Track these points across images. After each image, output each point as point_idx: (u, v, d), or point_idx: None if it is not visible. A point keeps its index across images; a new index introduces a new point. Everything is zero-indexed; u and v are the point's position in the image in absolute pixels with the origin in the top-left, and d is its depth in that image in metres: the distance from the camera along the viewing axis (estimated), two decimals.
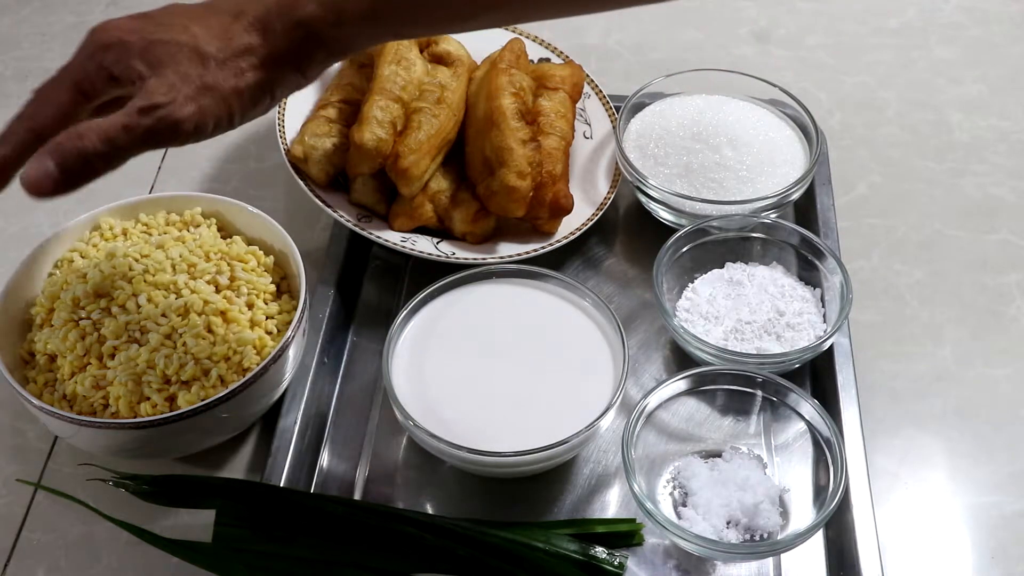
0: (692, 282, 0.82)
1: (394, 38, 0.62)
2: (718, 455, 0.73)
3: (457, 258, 0.82)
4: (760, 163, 0.86)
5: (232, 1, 0.59)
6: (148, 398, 0.69)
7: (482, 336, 0.75)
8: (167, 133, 0.56)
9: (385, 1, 0.58)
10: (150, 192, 0.95)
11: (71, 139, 0.54)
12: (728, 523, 0.68)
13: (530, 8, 0.61)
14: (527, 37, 0.96)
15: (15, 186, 0.99)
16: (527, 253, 0.83)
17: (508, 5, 0.59)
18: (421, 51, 0.89)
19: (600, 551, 0.68)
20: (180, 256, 0.74)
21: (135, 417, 0.68)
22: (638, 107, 0.91)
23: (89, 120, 0.55)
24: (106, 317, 0.71)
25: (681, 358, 0.80)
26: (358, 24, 0.58)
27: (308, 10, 0.57)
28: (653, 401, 0.72)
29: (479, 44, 0.94)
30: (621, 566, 0.68)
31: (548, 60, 0.94)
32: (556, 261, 0.84)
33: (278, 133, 0.86)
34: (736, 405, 0.75)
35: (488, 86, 0.85)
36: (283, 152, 0.84)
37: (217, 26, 0.57)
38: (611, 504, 0.73)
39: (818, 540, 0.70)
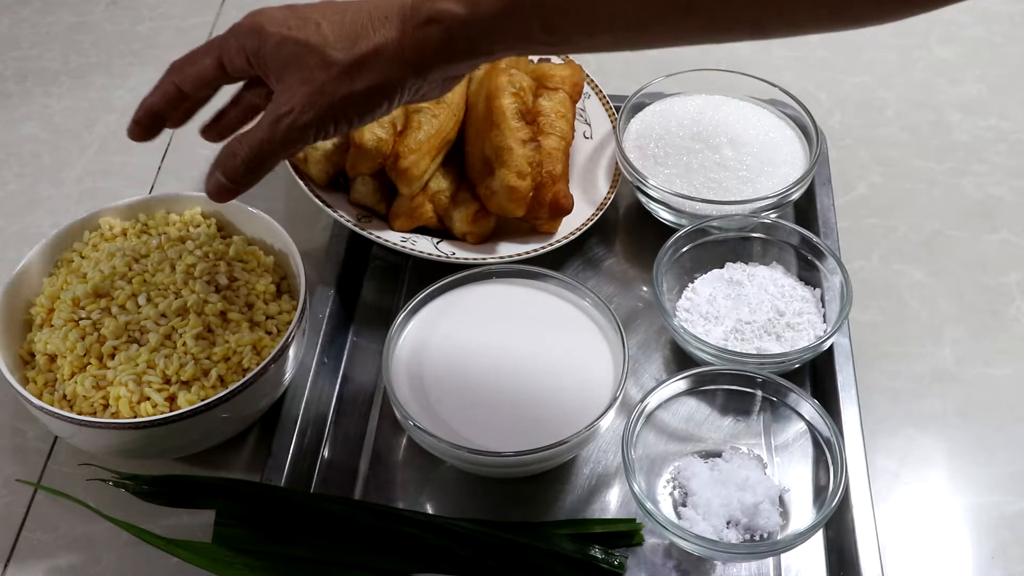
0: (692, 282, 0.82)
1: (526, 45, 0.60)
2: (718, 455, 0.73)
3: (457, 258, 0.82)
4: (760, 163, 0.86)
5: (375, 2, 0.61)
6: (148, 398, 0.69)
7: (482, 336, 0.75)
8: (297, 138, 0.61)
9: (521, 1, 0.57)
10: (150, 192, 0.95)
11: (228, 156, 0.62)
12: (728, 523, 0.68)
13: (672, 35, 0.59)
14: None
15: (15, 187, 1.00)
16: (527, 253, 0.83)
17: (647, 29, 0.57)
18: None
19: (599, 551, 0.68)
20: (180, 256, 0.74)
21: (135, 417, 0.68)
22: (638, 107, 0.91)
23: (238, 134, 0.63)
24: (106, 317, 0.71)
25: (681, 358, 0.80)
26: (491, 22, 0.57)
27: (443, 5, 0.58)
28: (653, 401, 0.72)
29: None
30: (621, 566, 0.68)
31: (548, 60, 0.94)
32: (556, 261, 0.84)
33: None
34: (736, 405, 0.75)
35: (488, 86, 0.85)
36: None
37: (350, 24, 0.60)
38: (611, 504, 0.73)
39: (818, 540, 0.70)
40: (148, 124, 0.66)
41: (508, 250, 0.84)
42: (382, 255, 0.88)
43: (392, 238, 0.82)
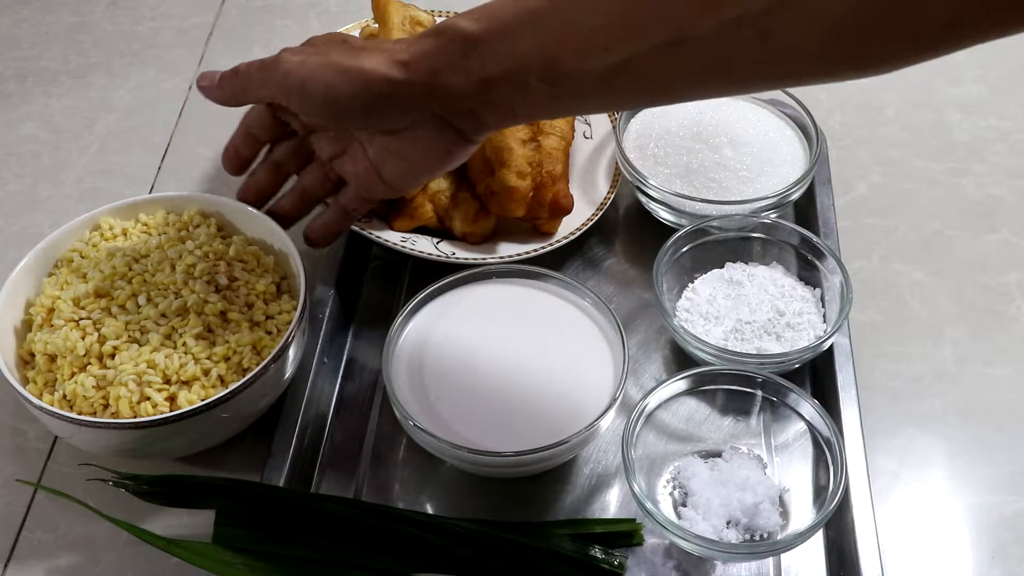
0: (692, 282, 0.82)
1: (527, 83, 0.60)
2: (718, 455, 0.73)
3: (457, 258, 0.82)
4: (760, 163, 0.86)
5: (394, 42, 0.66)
6: (148, 398, 0.69)
7: (482, 336, 0.75)
8: (280, 82, 0.69)
9: (522, 22, 0.58)
10: (150, 192, 0.95)
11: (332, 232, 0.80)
12: (728, 523, 0.68)
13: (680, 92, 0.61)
14: None
15: (15, 187, 1.00)
16: (527, 253, 0.83)
17: (640, 77, 0.58)
18: None
19: (599, 551, 0.68)
20: (180, 256, 0.74)
21: (135, 417, 0.68)
22: None
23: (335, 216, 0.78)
24: (106, 317, 0.71)
25: (681, 358, 0.80)
26: (492, 40, 0.59)
27: (458, 22, 0.61)
28: (653, 401, 0.72)
29: None
30: (621, 566, 0.68)
31: None
32: (556, 261, 0.84)
33: None
34: (736, 405, 0.75)
35: None
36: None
37: (367, 46, 0.66)
38: (611, 504, 0.73)
39: (818, 540, 0.70)
40: (236, 163, 0.79)
41: (508, 250, 0.84)
42: (382, 255, 0.88)
43: (392, 238, 0.82)
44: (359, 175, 0.73)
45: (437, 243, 0.84)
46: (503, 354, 0.74)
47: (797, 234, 0.82)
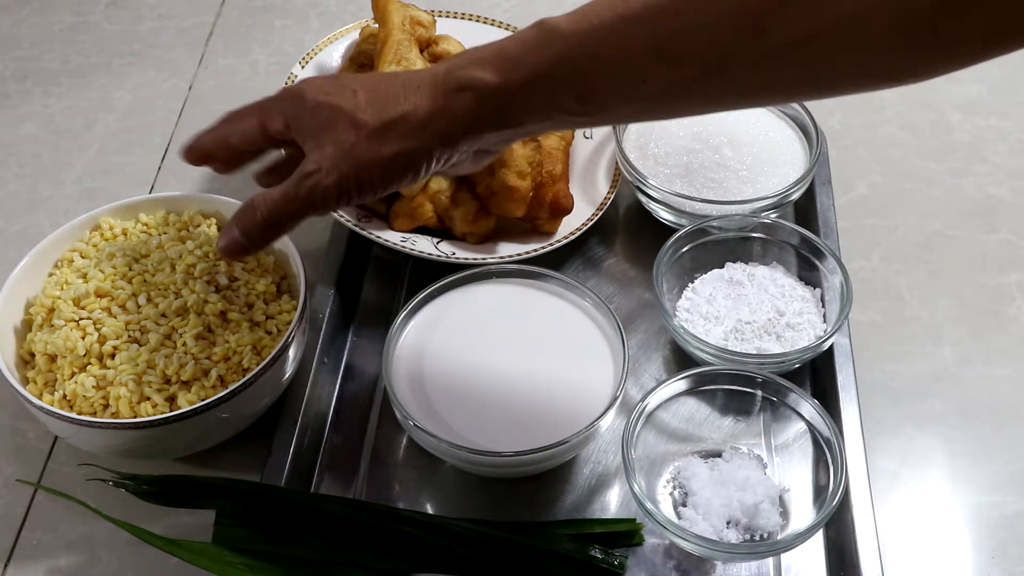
0: (692, 282, 0.82)
1: (559, 116, 0.58)
2: (718, 455, 0.73)
3: (457, 258, 0.82)
4: (760, 163, 0.86)
5: (410, 72, 0.61)
6: (148, 398, 0.69)
7: (482, 336, 0.75)
8: (318, 200, 0.60)
9: (552, 68, 0.56)
10: (150, 192, 0.95)
11: (248, 210, 0.61)
12: (728, 523, 0.68)
13: (705, 105, 0.59)
14: None
15: (15, 187, 1.00)
16: (527, 253, 0.83)
17: (679, 100, 0.57)
18: (421, 51, 0.89)
19: (599, 551, 0.68)
20: (179, 256, 0.74)
21: (135, 417, 0.68)
22: None
23: (261, 192, 0.62)
24: (106, 317, 0.71)
25: (681, 358, 0.80)
26: (522, 91, 0.57)
27: (474, 73, 0.57)
28: (653, 401, 0.72)
29: (479, 44, 0.94)
30: (621, 566, 0.68)
31: None
32: (556, 261, 0.84)
33: None
34: (736, 405, 0.75)
35: None
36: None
37: (383, 92, 0.60)
38: (611, 504, 0.73)
39: (818, 540, 0.70)
40: (196, 158, 0.67)
41: (508, 250, 0.84)
42: (382, 255, 0.88)
43: (392, 238, 0.82)
44: None
45: (437, 243, 0.84)
46: (503, 354, 0.74)
47: (797, 234, 0.82)
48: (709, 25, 0.52)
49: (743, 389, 0.74)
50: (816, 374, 0.79)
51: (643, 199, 0.87)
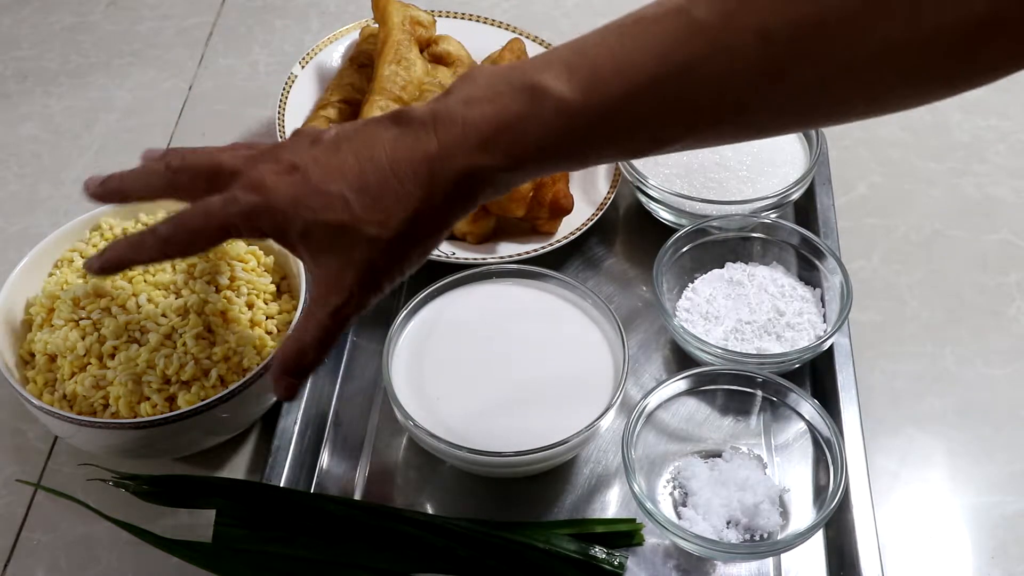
0: (692, 282, 0.82)
1: (557, 171, 0.58)
2: (718, 455, 0.73)
3: (457, 258, 0.82)
4: (760, 163, 0.86)
5: (394, 142, 0.54)
6: (148, 398, 0.69)
7: (482, 336, 0.75)
8: (355, 321, 0.58)
9: (558, 143, 0.53)
10: None
11: (296, 356, 0.58)
12: (728, 523, 0.68)
13: (698, 141, 0.56)
14: (527, 37, 0.96)
15: (15, 187, 1.00)
16: (527, 253, 0.83)
17: (675, 141, 0.54)
18: (421, 51, 0.89)
19: (600, 551, 0.68)
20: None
21: (135, 417, 0.68)
22: None
23: (292, 335, 0.59)
24: (106, 317, 0.71)
25: (681, 358, 0.80)
26: (523, 171, 0.54)
27: (477, 159, 0.53)
28: (653, 401, 0.72)
29: (479, 44, 0.94)
30: (621, 566, 0.68)
31: None
32: (556, 261, 0.84)
33: (278, 133, 0.86)
34: (736, 405, 0.75)
35: None
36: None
37: (376, 190, 0.54)
38: (611, 504, 0.73)
39: (818, 540, 0.70)
40: (106, 196, 0.64)
41: (508, 250, 0.84)
42: None
43: None
44: None
45: None
46: (503, 354, 0.74)
47: (797, 234, 0.82)
48: (721, 78, 0.50)
49: (743, 389, 0.74)
50: (816, 374, 0.79)
51: (643, 199, 0.87)
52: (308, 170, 0.55)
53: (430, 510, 0.72)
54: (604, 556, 0.68)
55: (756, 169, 0.86)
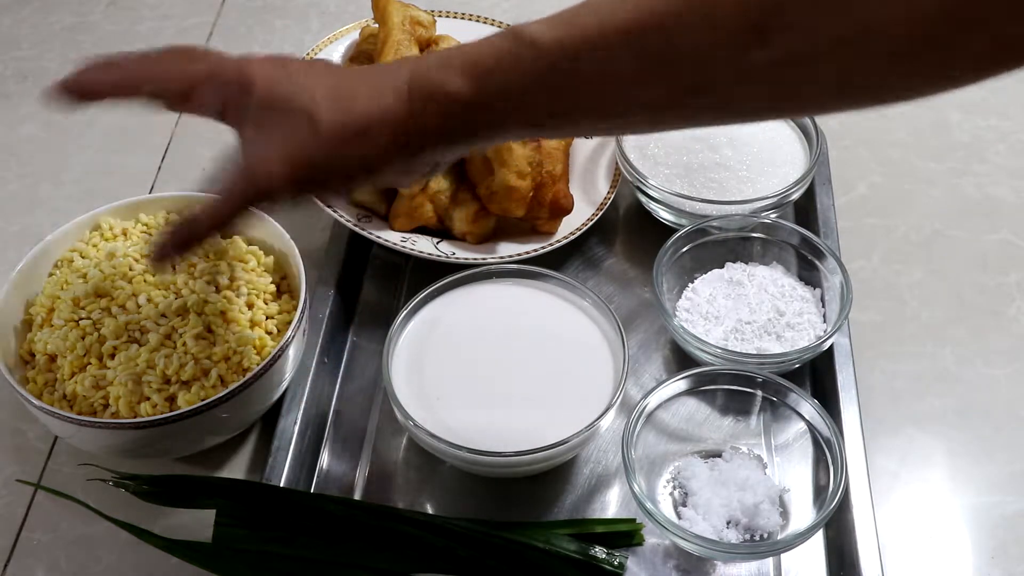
0: (692, 282, 0.82)
1: (528, 130, 0.57)
2: (718, 455, 0.73)
3: (457, 258, 0.82)
4: (760, 163, 0.86)
5: (374, 70, 0.56)
6: (148, 398, 0.69)
7: (482, 336, 0.75)
8: (268, 198, 0.57)
9: (528, 84, 0.52)
10: (150, 192, 0.95)
11: (191, 226, 0.58)
12: (728, 523, 0.68)
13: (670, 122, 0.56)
14: None
15: (15, 187, 0.99)
16: (527, 253, 0.83)
17: (658, 118, 0.54)
18: (421, 51, 0.89)
19: (600, 551, 0.68)
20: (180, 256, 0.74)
21: (135, 417, 0.68)
22: None
23: (201, 203, 0.57)
24: (106, 317, 0.71)
25: (681, 358, 0.80)
26: (494, 105, 0.53)
27: (445, 81, 0.53)
28: (653, 401, 0.72)
29: None
30: (621, 566, 0.68)
31: None
32: (556, 261, 0.84)
33: None
34: (736, 405, 0.75)
35: None
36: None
37: (345, 92, 0.55)
38: (611, 504, 0.73)
39: (818, 540, 0.70)
40: (77, 94, 0.60)
41: (508, 250, 0.84)
42: (382, 255, 0.88)
43: (392, 238, 0.82)
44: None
45: (437, 243, 0.84)
46: (503, 354, 0.74)
47: (797, 234, 0.82)
48: (699, 41, 0.48)
49: (743, 389, 0.74)
50: (816, 374, 0.79)
51: (643, 199, 0.87)
52: (288, 64, 0.57)
53: (430, 510, 0.72)
54: (604, 556, 0.68)
55: (756, 169, 0.86)
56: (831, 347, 0.77)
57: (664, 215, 0.86)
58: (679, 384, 0.73)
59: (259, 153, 0.56)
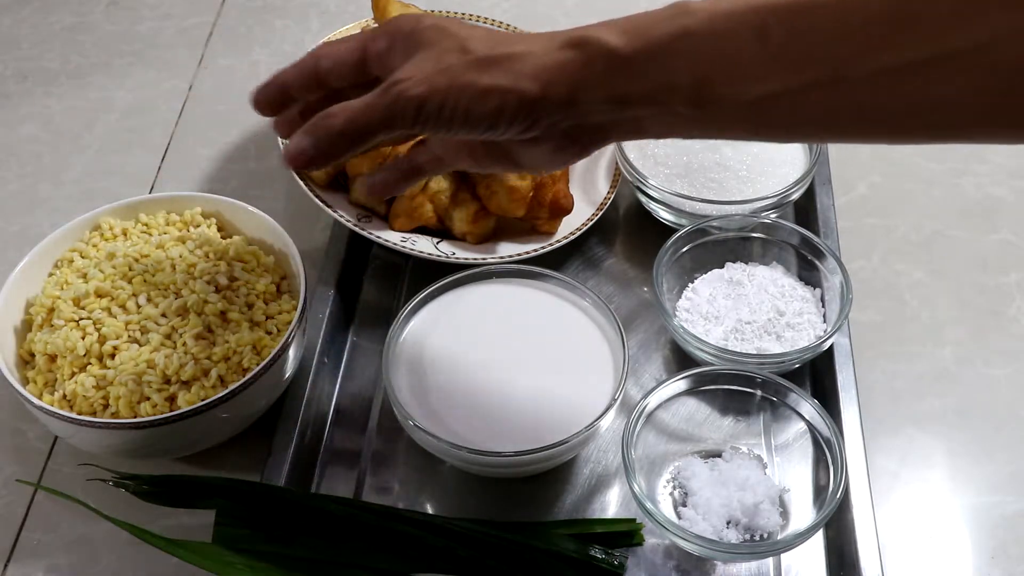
0: (692, 282, 0.82)
1: (667, 104, 0.54)
2: (718, 455, 0.73)
3: (457, 258, 0.82)
4: (760, 163, 0.86)
5: (525, 33, 0.58)
6: (148, 398, 0.69)
7: (482, 336, 0.75)
8: (399, 112, 0.55)
9: (674, 41, 0.52)
10: (150, 192, 0.95)
11: (323, 119, 0.56)
12: (728, 523, 0.68)
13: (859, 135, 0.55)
14: None
15: (15, 187, 1.00)
16: (527, 253, 0.83)
17: (790, 113, 0.53)
18: None
19: (600, 551, 0.68)
20: (180, 256, 0.74)
21: (135, 417, 0.68)
22: None
23: (344, 101, 0.57)
24: (106, 317, 0.71)
25: (681, 358, 0.80)
26: (637, 60, 0.53)
27: (595, 31, 0.54)
28: (653, 401, 0.72)
29: None
30: (621, 566, 0.68)
31: None
32: (556, 261, 0.84)
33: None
34: (736, 405, 0.75)
35: None
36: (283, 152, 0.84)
37: (499, 35, 0.57)
38: (611, 504, 0.73)
39: (818, 540, 0.70)
40: (274, 97, 0.62)
41: (508, 250, 0.84)
42: (382, 255, 0.88)
43: (392, 238, 0.82)
44: (447, 155, 0.65)
45: (437, 243, 0.84)
46: (503, 354, 0.74)
47: (797, 234, 0.82)
48: (836, 28, 0.49)
49: (743, 389, 0.74)
50: (816, 374, 0.79)
51: (643, 199, 0.87)
52: (455, 19, 0.59)
53: (430, 510, 0.72)
54: (604, 556, 0.68)
55: (756, 169, 0.86)
56: (831, 347, 0.77)
57: (664, 215, 0.86)
58: (679, 384, 0.73)
59: (405, 70, 0.56)
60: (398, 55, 0.57)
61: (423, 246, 0.82)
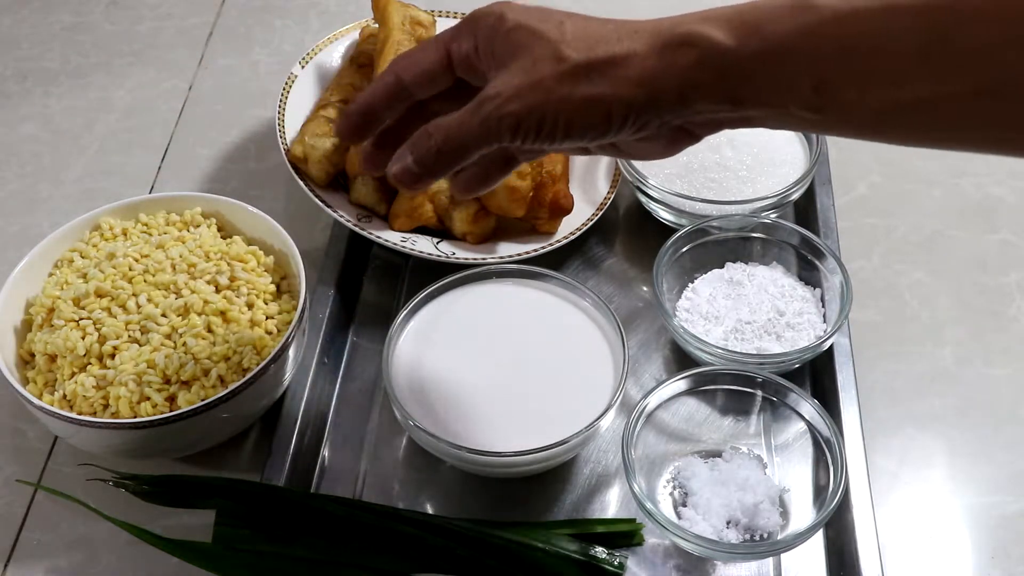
0: (692, 282, 0.82)
1: (786, 103, 0.50)
2: (718, 455, 0.73)
3: (457, 258, 0.82)
4: (760, 163, 0.86)
5: (626, 20, 0.53)
6: (148, 398, 0.69)
7: (482, 336, 0.75)
8: (494, 129, 0.53)
9: (796, 41, 0.48)
10: (150, 192, 0.95)
11: (422, 138, 0.55)
12: (728, 523, 0.68)
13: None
14: None
15: (15, 187, 1.00)
16: (527, 253, 0.83)
17: (930, 122, 0.48)
18: None
19: (600, 551, 0.68)
20: (180, 256, 0.74)
21: (135, 417, 0.68)
22: None
23: (436, 120, 0.55)
24: (106, 317, 0.71)
25: (681, 358, 0.80)
26: (755, 61, 0.49)
27: (706, 29, 0.50)
28: (653, 401, 0.72)
29: None
30: (621, 566, 0.68)
31: None
32: (556, 261, 0.84)
33: (278, 133, 0.86)
34: (736, 405, 0.75)
35: None
36: (283, 152, 0.85)
37: (594, 30, 0.53)
38: (611, 504, 0.73)
39: (818, 540, 0.70)
40: (359, 122, 0.59)
41: (508, 250, 0.84)
42: (382, 255, 0.88)
43: (392, 238, 0.82)
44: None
45: (437, 243, 0.84)
46: (503, 354, 0.74)
47: (797, 234, 0.82)
48: (999, 31, 0.43)
49: (743, 389, 0.74)
50: (816, 374, 0.79)
51: (643, 199, 0.87)
52: (546, 8, 0.55)
53: (430, 510, 0.72)
54: (604, 556, 0.68)
55: (756, 169, 0.86)
56: (831, 347, 0.77)
57: (664, 215, 0.86)
58: (679, 384, 0.73)
59: (497, 85, 0.53)
60: (486, 58, 0.55)
61: (423, 246, 0.82)
